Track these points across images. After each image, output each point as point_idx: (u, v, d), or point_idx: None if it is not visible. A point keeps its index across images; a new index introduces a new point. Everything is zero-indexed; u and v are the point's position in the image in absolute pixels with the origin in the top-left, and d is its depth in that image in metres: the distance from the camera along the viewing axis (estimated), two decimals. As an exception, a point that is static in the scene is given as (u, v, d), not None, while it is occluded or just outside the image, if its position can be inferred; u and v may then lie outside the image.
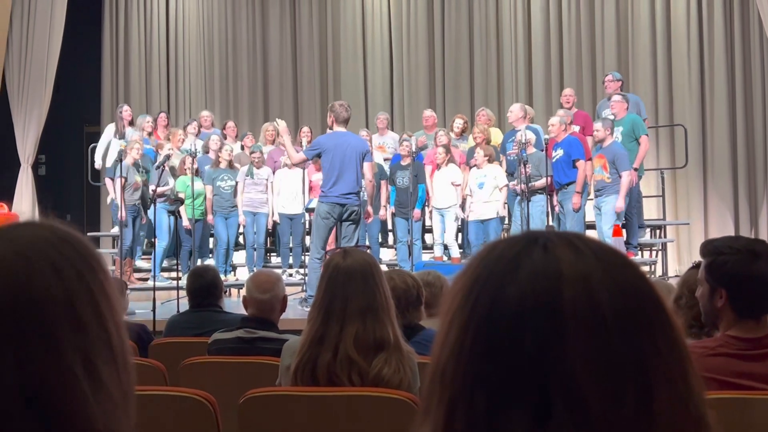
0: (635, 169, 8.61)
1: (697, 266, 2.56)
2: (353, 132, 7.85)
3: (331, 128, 7.42)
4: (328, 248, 7.45)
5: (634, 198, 8.78)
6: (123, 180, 8.37)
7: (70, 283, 0.82)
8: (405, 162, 9.07)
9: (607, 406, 0.71)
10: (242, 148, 10.14)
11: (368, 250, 7.41)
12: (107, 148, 9.94)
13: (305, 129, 10.08)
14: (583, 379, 0.71)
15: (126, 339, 0.86)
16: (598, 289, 0.73)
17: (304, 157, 7.46)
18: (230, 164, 9.39)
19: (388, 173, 9.41)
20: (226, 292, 7.65)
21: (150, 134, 9.84)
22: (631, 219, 8.80)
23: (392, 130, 10.90)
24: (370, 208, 7.97)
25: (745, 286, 2.24)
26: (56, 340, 0.80)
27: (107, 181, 9.28)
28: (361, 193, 7.53)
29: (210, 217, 9.28)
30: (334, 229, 7.40)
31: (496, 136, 9.65)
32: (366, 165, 7.28)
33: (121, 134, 9.90)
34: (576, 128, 8.91)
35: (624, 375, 0.71)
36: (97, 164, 10.19)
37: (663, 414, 0.72)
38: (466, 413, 0.73)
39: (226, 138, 10.31)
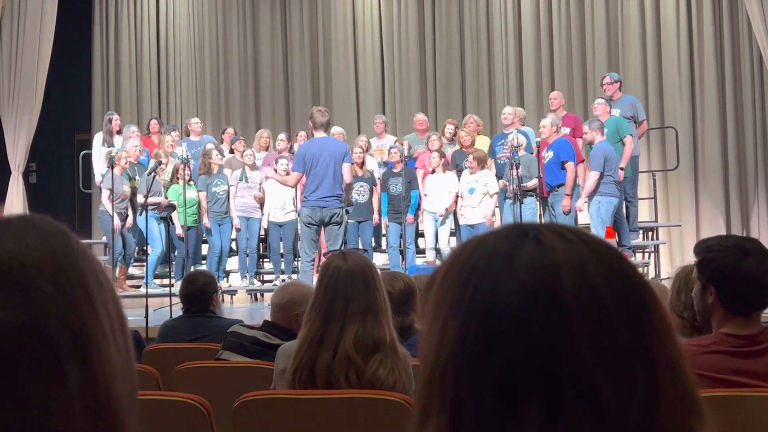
0: (621, 169, 8.63)
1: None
2: (350, 136, 7.95)
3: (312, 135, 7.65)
4: (324, 252, 7.57)
5: (621, 199, 8.75)
6: (109, 191, 8.40)
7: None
8: (397, 168, 9.09)
9: (617, 391, 0.70)
10: (232, 152, 10.10)
11: (364, 253, 7.43)
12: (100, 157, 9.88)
13: (302, 133, 10.06)
14: (591, 366, 0.70)
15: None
16: (594, 277, 0.74)
17: (298, 174, 7.64)
18: (220, 170, 9.34)
19: (382, 178, 9.41)
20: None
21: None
22: (620, 220, 8.79)
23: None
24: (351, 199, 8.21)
25: (733, 283, 2.25)
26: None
27: (104, 190, 9.19)
28: (349, 195, 7.71)
29: (206, 221, 9.21)
30: (323, 232, 7.52)
31: (482, 143, 9.63)
32: (345, 167, 7.43)
33: (109, 143, 9.84)
34: (566, 130, 8.94)
35: (630, 359, 0.72)
36: (98, 179, 10.02)
37: (669, 396, 0.72)
38: (476, 415, 0.71)
39: (222, 143, 10.31)
